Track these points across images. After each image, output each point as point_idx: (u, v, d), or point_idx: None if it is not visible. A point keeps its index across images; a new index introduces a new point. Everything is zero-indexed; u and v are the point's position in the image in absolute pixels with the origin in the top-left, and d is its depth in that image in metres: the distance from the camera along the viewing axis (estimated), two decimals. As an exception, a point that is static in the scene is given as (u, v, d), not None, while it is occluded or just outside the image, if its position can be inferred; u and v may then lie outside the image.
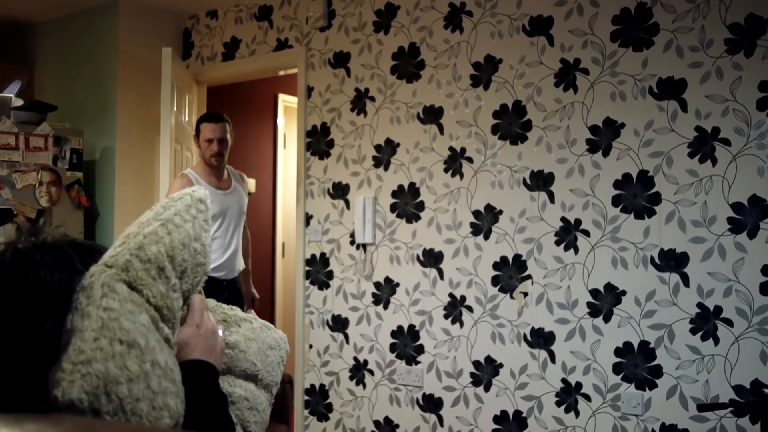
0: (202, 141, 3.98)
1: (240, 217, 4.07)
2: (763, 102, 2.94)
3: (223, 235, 3.95)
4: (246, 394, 1.23)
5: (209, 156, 3.95)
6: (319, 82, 4.32)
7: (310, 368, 4.30)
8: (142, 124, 4.79)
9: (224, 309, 1.32)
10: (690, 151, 3.10)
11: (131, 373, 0.93)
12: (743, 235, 2.97)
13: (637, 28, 3.24)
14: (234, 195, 4.04)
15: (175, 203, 1.12)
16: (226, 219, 3.97)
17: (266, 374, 1.28)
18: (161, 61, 4.32)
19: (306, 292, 4.33)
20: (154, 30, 4.89)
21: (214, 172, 4.00)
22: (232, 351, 1.24)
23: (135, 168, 4.73)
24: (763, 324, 2.92)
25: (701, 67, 3.09)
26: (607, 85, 3.31)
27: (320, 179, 4.29)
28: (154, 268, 1.03)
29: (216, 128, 3.95)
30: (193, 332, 1.14)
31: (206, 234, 1.16)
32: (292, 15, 4.47)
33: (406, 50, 3.96)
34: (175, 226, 1.09)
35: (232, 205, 4.00)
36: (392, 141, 3.98)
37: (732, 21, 3.02)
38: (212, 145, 3.94)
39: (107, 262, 1.02)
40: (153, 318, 1.02)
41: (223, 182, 4.02)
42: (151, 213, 1.10)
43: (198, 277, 1.15)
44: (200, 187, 1.19)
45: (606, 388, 3.27)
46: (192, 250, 1.10)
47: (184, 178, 3.88)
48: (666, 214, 3.14)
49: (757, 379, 2.92)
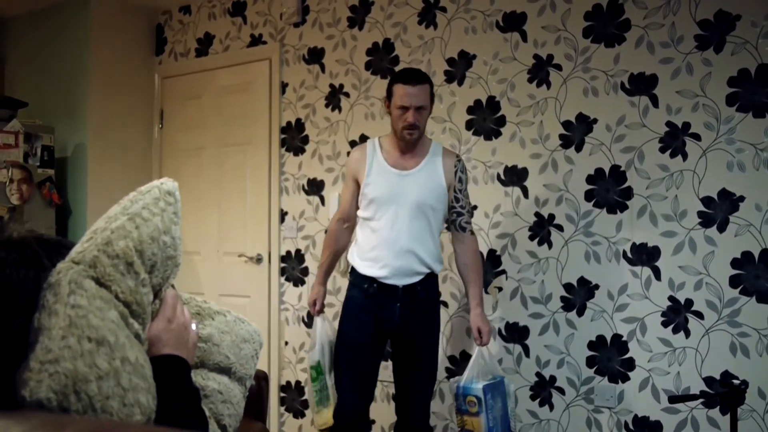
0: (393, 107, 2.98)
1: (420, 207, 2.98)
2: (732, 97, 2.98)
3: (388, 226, 2.97)
4: (219, 388, 1.23)
5: (401, 128, 2.96)
6: (293, 78, 4.31)
7: (285, 365, 4.29)
8: (116, 120, 4.74)
9: (198, 302, 1.31)
10: (661, 146, 3.13)
11: (101, 370, 0.92)
12: (713, 229, 3.01)
13: (609, 25, 3.27)
14: (418, 176, 3.00)
15: (143, 196, 1.11)
16: (394, 205, 2.97)
17: (240, 367, 1.28)
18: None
19: (281, 288, 4.32)
20: (127, 25, 4.85)
21: (400, 144, 3.04)
22: (206, 344, 1.24)
23: (108, 165, 4.68)
24: (733, 316, 2.96)
25: (672, 63, 3.12)
26: (580, 81, 3.33)
27: (295, 175, 4.28)
28: (123, 263, 1.02)
29: (414, 92, 2.93)
30: (165, 327, 1.13)
31: (176, 227, 1.15)
32: (265, 11, 4.45)
33: (381, 46, 3.96)
34: (144, 220, 1.08)
35: (411, 188, 2.98)
36: (367, 137, 3.98)
37: (702, 17, 3.06)
38: (406, 115, 2.92)
39: (74, 258, 1.01)
40: (122, 314, 1.01)
41: (407, 159, 3.03)
42: (118, 207, 1.09)
43: (169, 270, 1.14)
44: (169, 179, 1.18)
45: (580, 381, 3.30)
46: (161, 244, 1.09)
47: (361, 149, 3.13)
48: (638, 208, 3.18)
49: (726, 370, 2.96)
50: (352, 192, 3.14)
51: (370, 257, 3.00)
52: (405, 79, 2.95)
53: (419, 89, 2.92)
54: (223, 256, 4.63)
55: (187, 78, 4.85)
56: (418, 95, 2.92)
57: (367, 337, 3.01)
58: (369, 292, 2.99)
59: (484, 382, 2.91)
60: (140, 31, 4.94)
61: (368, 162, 3.05)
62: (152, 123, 4.98)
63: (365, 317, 3.00)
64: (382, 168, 3.03)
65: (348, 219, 3.19)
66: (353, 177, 3.12)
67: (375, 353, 3.07)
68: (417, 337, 3.03)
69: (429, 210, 2.99)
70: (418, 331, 3.02)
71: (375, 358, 3.08)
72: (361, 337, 3.01)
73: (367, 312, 3.00)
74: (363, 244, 3.04)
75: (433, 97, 3.05)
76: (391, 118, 3.01)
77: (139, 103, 4.92)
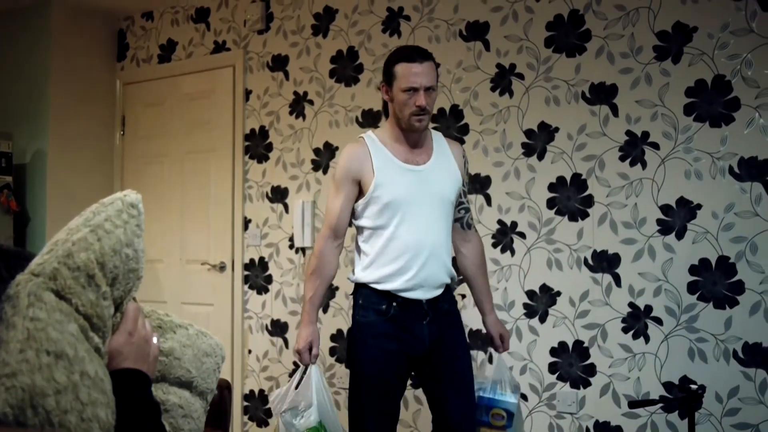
0: (397, 91, 2.51)
1: (442, 205, 2.58)
2: (689, 107, 3.05)
3: (412, 231, 2.51)
4: (180, 402, 1.22)
5: (409, 115, 2.49)
6: (257, 85, 4.30)
7: (249, 374, 4.26)
8: (76, 126, 4.68)
9: (159, 315, 1.30)
10: (621, 155, 3.19)
11: (59, 384, 0.91)
12: (672, 236, 3.07)
13: (570, 35, 3.32)
14: (434, 170, 2.59)
15: (106, 208, 1.10)
16: (413, 207, 2.52)
17: (201, 381, 1.27)
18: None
19: (245, 296, 4.29)
20: (88, 31, 4.79)
21: (407, 137, 2.58)
22: (167, 358, 1.23)
23: (69, 172, 4.61)
24: (691, 322, 3.01)
25: (631, 73, 3.17)
26: (542, 90, 3.38)
27: (259, 183, 4.26)
28: (84, 275, 1.02)
29: (422, 70, 2.48)
30: (125, 340, 1.12)
31: (138, 239, 1.14)
32: (229, 17, 4.43)
33: (345, 54, 3.97)
34: (106, 232, 1.07)
35: (430, 185, 2.56)
36: (331, 145, 3.98)
37: (660, 29, 3.12)
38: (416, 97, 2.47)
39: (34, 270, 0.99)
40: (82, 327, 1.00)
41: (418, 153, 2.60)
42: (80, 219, 1.08)
43: (131, 283, 1.14)
44: (132, 191, 1.17)
45: (542, 387, 3.34)
46: (124, 256, 1.09)
47: (357, 145, 2.60)
48: (599, 216, 3.22)
49: (685, 375, 3.02)
50: (348, 198, 2.58)
51: (390, 271, 2.50)
52: (409, 56, 2.51)
53: (427, 66, 2.49)
54: (186, 264, 4.59)
55: (150, 84, 4.81)
56: (427, 73, 2.49)
57: (395, 370, 2.53)
58: (390, 313, 2.51)
59: (512, 394, 2.66)
60: (102, 36, 4.89)
61: (374, 159, 2.53)
62: (114, 129, 4.92)
63: (391, 346, 2.51)
64: (393, 165, 2.54)
65: (338, 234, 2.63)
66: (354, 179, 2.55)
67: (401, 389, 2.60)
68: (448, 356, 2.58)
69: (449, 207, 2.61)
70: (447, 349, 2.58)
71: (401, 394, 2.61)
72: (388, 372, 2.52)
73: (392, 339, 2.51)
74: (376, 256, 2.53)
75: (438, 78, 2.63)
76: (394, 106, 2.54)
77: (100, 109, 4.85)
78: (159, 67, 4.75)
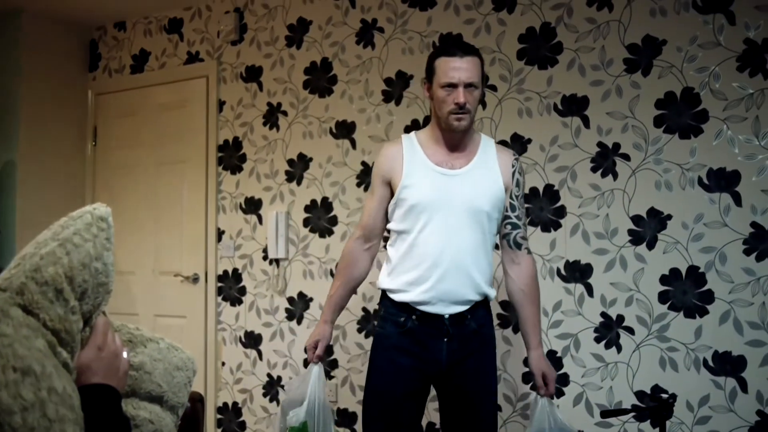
0: (436, 88, 2.37)
1: (474, 215, 2.37)
2: (659, 119, 3.09)
3: (433, 239, 2.35)
4: (151, 417, 1.21)
5: (447, 113, 2.35)
6: (230, 96, 4.28)
7: (222, 386, 4.23)
8: (47, 137, 4.63)
9: (130, 329, 1.29)
10: (593, 166, 3.22)
11: (26, 401, 0.90)
12: (643, 247, 3.10)
13: (542, 47, 3.35)
14: (470, 176, 2.40)
15: (75, 222, 1.10)
16: (441, 213, 2.35)
17: (172, 396, 1.26)
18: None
19: (218, 308, 4.27)
20: (59, 41, 4.74)
21: (447, 138, 2.42)
22: (137, 372, 1.22)
23: (39, 184, 4.56)
24: (662, 331, 3.05)
25: (602, 85, 3.21)
26: (515, 102, 3.40)
27: (232, 194, 4.24)
28: (52, 290, 1.00)
29: (462, 65, 2.33)
30: (95, 355, 1.11)
31: (108, 253, 1.13)
32: (203, 28, 4.41)
33: (319, 65, 3.97)
34: (75, 246, 1.06)
35: (462, 191, 2.37)
36: (305, 155, 3.98)
37: (630, 41, 3.16)
38: (454, 94, 2.32)
39: (1, 285, 0.98)
40: (50, 342, 0.99)
41: (456, 156, 2.42)
42: (48, 233, 1.07)
43: (100, 297, 1.12)
44: (101, 204, 1.16)
45: (516, 397, 3.35)
46: (93, 270, 1.08)
47: (392, 145, 2.51)
48: (571, 226, 3.25)
49: (657, 384, 3.05)
50: (380, 199, 2.48)
51: (408, 279, 2.36)
52: (449, 50, 2.36)
53: (468, 62, 2.33)
54: (159, 275, 4.55)
55: (122, 95, 4.77)
56: (468, 69, 2.32)
57: (407, 386, 2.38)
58: (407, 326, 2.37)
59: None
60: (73, 46, 4.84)
61: (406, 160, 2.41)
62: (85, 140, 4.88)
63: (403, 361, 2.36)
64: (424, 167, 2.40)
65: (371, 237, 2.54)
66: (385, 179, 2.46)
67: (416, 405, 2.43)
68: (470, 382, 2.40)
69: (484, 218, 2.38)
70: (470, 374, 2.39)
71: (416, 410, 2.43)
72: (398, 387, 2.37)
73: (405, 353, 2.37)
74: (398, 263, 2.40)
75: (486, 78, 2.39)
76: (434, 104, 2.40)
77: (72, 119, 4.81)
78: (131, 77, 4.71)
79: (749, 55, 2.93)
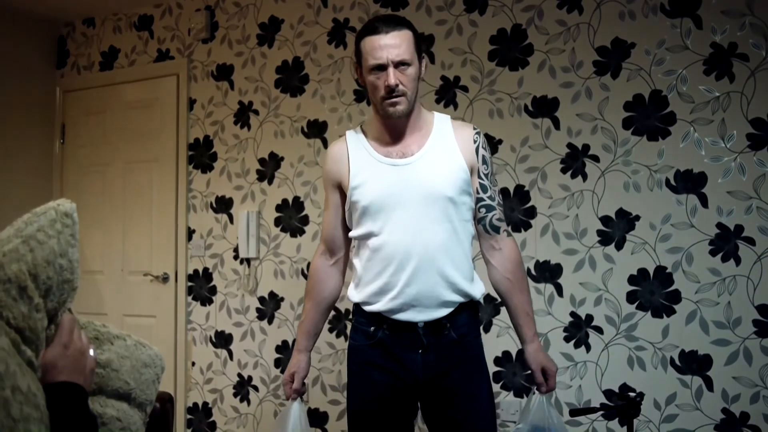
0: (366, 72, 2.08)
1: (436, 203, 2.06)
2: (628, 121, 3.12)
3: (395, 239, 2.06)
4: (118, 414, 1.20)
5: (380, 98, 2.05)
6: (201, 94, 4.25)
7: (192, 386, 4.19)
8: (14, 135, 4.55)
9: (96, 326, 1.28)
10: (563, 167, 3.25)
11: (-12, 399, 0.89)
12: (611, 247, 3.13)
13: (513, 49, 3.37)
14: (424, 161, 2.09)
15: (39, 218, 1.08)
16: (397, 211, 2.07)
17: (140, 393, 1.25)
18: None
19: (188, 308, 4.23)
20: (27, 37, 4.67)
21: (388, 126, 2.13)
22: (104, 370, 1.21)
23: (6, 182, 4.48)
24: (630, 331, 3.08)
25: (572, 87, 3.24)
26: (486, 103, 3.42)
27: (203, 193, 4.21)
28: (15, 287, 0.99)
29: (389, 42, 2.02)
30: (60, 352, 1.09)
31: (73, 249, 1.12)
32: (173, 26, 4.38)
33: (290, 64, 3.96)
34: (38, 243, 1.04)
35: (418, 180, 2.07)
36: (276, 155, 3.96)
37: (600, 44, 3.19)
38: (384, 76, 2.03)
39: (-37, 282, 0.97)
40: (14, 341, 0.98)
41: (405, 144, 2.12)
42: (11, 229, 1.06)
43: (65, 294, 1.11)
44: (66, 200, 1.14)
45: (486, 396, 3.36)
46: (57, 267, 1.06)
47: (336, 144, 2.23)
48: (541, 227, 3.28)
49: (624, 383, 3.08)
50: (335, 207, 2.23)
51: (375, 288, 2.09)
52: (372, 27, 2.04)
53: (395, 36, 2.01)
54: (128, 275, 4.50)
55: (91, 92, 4.71)
56: (396, 44, 2.01)
57: (384, 405, 2.11)
58: (377, 337, 2.10)
59: None
60: (41, 42, 4.77)
61: (352, 158, 2.15)
62: (53, 138, 4.81)
63: (377, 377, 2.09)
64: (371, 162, 2.13)
65: (334, 250, 2.28)
66: (334, 184, 2.21)
67: (401, 426, 2.15)
68: (458, 408, 2.08)
69: (449, 205, 2.07)
70: (457, 395, 2.08)
71: (403, 425, 2.15)
72: (375, 406, 2.11)
73: (378, 369, 2.09)
74: (363, 272, 2.14)
75: (422, 53, 2.12)
76: (368, 91, 2.12)
77: (39, 117, 4.74)
78: (100, 74, 4.66)
79: (716, 58, 2.97)
